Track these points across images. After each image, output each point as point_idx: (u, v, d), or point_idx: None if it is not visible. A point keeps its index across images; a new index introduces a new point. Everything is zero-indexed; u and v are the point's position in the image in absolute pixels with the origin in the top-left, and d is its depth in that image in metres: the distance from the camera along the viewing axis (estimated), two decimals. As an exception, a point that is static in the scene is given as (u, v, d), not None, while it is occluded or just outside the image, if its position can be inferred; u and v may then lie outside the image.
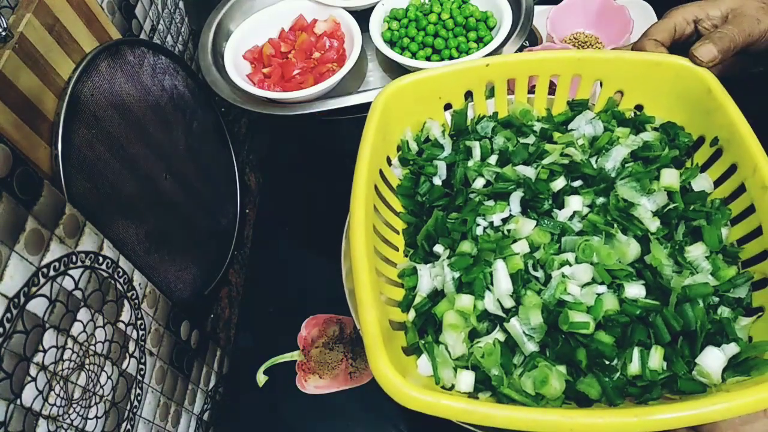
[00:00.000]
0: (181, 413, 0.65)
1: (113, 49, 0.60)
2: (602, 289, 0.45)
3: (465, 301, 0.45)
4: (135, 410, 0.56)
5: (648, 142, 0.53)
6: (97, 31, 0.58)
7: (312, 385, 0.70)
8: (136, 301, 0.57)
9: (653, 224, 0.47)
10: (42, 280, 0.44)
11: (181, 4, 0.80)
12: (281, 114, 0.70)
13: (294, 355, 0.73)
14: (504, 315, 0.45)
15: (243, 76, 0.74)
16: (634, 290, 0.45)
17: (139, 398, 0.56)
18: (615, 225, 0.48)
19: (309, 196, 0.88)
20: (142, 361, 0.57)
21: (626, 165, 0.52)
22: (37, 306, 0.43)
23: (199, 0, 0.82)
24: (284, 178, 0.92)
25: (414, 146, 0.57)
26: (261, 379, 0.72)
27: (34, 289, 0.43)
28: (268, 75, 0.75)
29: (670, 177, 0.50)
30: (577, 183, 0.52)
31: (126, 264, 0.55)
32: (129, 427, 0.55)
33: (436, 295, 0.48)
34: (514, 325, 0.44)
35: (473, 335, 0.46)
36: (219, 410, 0.73)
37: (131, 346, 0.56)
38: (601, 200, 0.50)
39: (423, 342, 0.45)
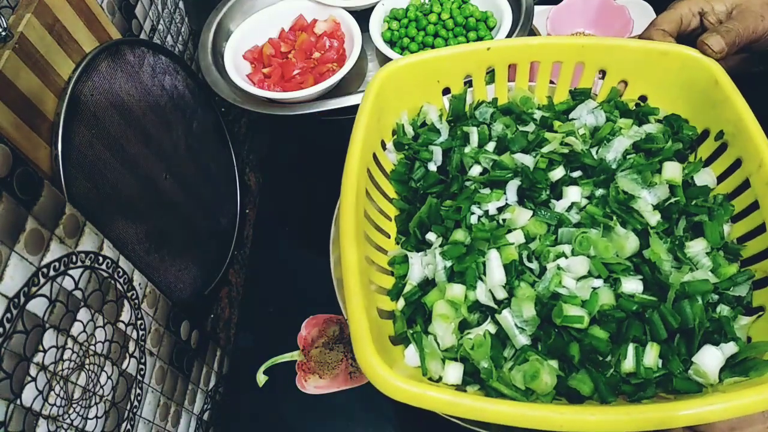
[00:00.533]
0: (181, 413, 0.65)
1: (113, 49, 0.60)
2: (598, 283, 0.44)
3: (456, 290, 0.44)
4: (135, 410, 0.56)
5: (651, 134, 0.52)
6: (97, 31, 0.58)
7: (312, 385, 0.70)
8: (136, 301, 0.57)
9: (653, 218, 0.46)
10: (42, 280, 0.44)
11: (181, 4, 0.80)
12: (281, 114, 0.70)
13: (294, 355, 0.73)
14: (496, 306, 0.44)
15: (243, 76, 0.74)
16: (632, 285, 0.44)
17: (139, 398, 0.56)
18: (614, 217, 0.47)
19: (309, 196, 0.88)
20: (142, 361, 0.57)
21: (628, 156, 0.51)
22: (37, 306, 0.43)
23: (199, 0, 0.82)
24: (284, 178, 0.92)
25: (410, 130, 0.56)
26: (261, 379, 0.72)
27: (34, 289, 0.43)
28: (268, 75, 0.75)
29: (673, 170, 0.49)
30: (577, 173, 0.51)
31: (126, 264, 0.55)
32: (129, 427, 0.55)
33: (427, 284, 0.47)
34: (506, 317, 0.43)
35: (463, 326, 0.45)
36: (219, 410, 0.73)
37: (131, 346, 0.56)
38: (600, 192, 0.49)
39: (411, 332, 0.44)
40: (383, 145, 0.55)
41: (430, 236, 0.49)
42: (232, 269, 0.83)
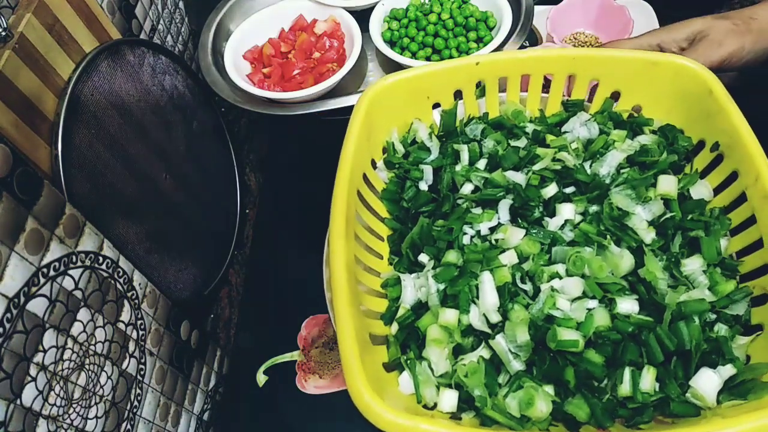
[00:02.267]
0: (181, 413, 0.65)
1: (113, 49, 0.60)
2: (593, 303, 0.43)
3: (449, 315, 0.43)
4: (135, 410, 0.56)
5: (645, 145, 0.52)
6: (97, 31, 0.58)
7: (312, 385, 0.70)
8: (136, 301, 0.57)
9: (648, 235, 0.46)
10: (42, 280, 0.44)
11: (181, 4, 0.80)
12: (281, 114, 0.70)
13: (294, 355, 0.73)
14: (489, 331, 0.43)
15: (243, 76, 0.74)
16: (627, 305, 0.43)
17: (139, 398, 0.56)
18: (608, 235, 0.46)
19: (309, 196, 0.87)
20: (142, 361, 0.57)
21: (621, 171, 0.50)
22: (37, 306, 0.43)
23: (199, 0, 0.82)
24: (284, 178, 0.92)
25: (400, 148, 0.55)
26: (261, 379, 0.72)
27: (34, 289, 0.43)
28: (268, 75, 0.75)
29: (668, 184, 0.48)
30: (570, 189, 0.50)
31: (126, 264, 0.55)
32: (129, 427, 0.55)
33: (420, 308, 0.46)
34: (500, 342, 0.42)
35: (458, 351, 0.44)
36: (219, 410, 0.73)
37: (131, 346, 0.56)
38: (594, 208, 0.48)
39: (405, 358, 0.43)
40: (374, 164, 0.54)
41: (423, 258, 0.49)
42: (232, 269, 0.83)
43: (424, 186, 0.53)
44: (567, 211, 0.48)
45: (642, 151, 0.51)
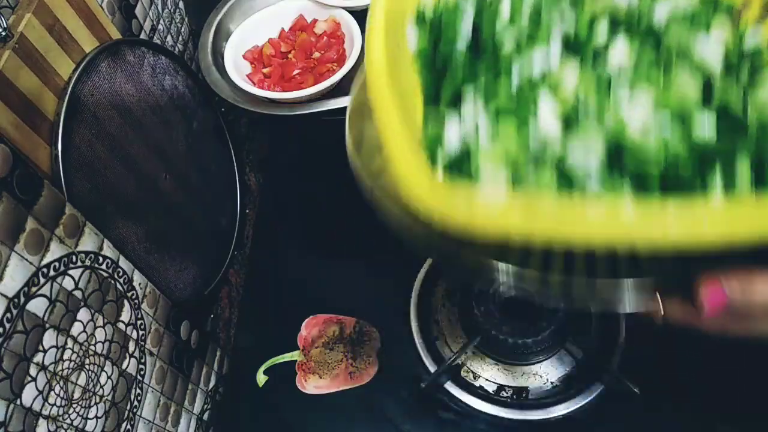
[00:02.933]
0: (181, 413, 0.65)
1: (113, 49, 0.60)
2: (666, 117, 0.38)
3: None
4: (135, 410, 0.56)
5: None
6: (97, 31, 0.58)
7: (312, 385, 0.70)
8: (136, 301, 0.57)
9: (716, 61, 0.41)
10: (42, 280, 0.44)
11: (181, 4, 0.80)
12: (281, 114, 0.70)
13: (294, 355, 0.73)
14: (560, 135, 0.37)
15: (243, 76, 0.74)
16: (704, 122, 0.37)
17: (139, 398, 0.56)
18: (673, 61, 0.41)
19: (309, 196, 0.88)
20: (142, 361, 0.57)
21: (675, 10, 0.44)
22: (37, 306, 0.43)
23: (199, 0, 0.82)
24: (284, 178, 0.92)
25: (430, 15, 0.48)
26: (261, 379, 0.72)
27: (34, 289, 0.43)
28: (268, 75, 0.76)
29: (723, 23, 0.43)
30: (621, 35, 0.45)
31: (126, 264, 0.55)
32: (129, 427, 0.55)
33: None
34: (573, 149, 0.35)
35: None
36: (219, 410, 0.73)
37: (131, 346, 0.56)
38: (652, 42, 0.43)
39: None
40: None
41: (467, 91, 0.42)
42: (232, 269, 0.83)
43: (462, 45, 0.46)
44: (621, 46, 0.43)
45: None
